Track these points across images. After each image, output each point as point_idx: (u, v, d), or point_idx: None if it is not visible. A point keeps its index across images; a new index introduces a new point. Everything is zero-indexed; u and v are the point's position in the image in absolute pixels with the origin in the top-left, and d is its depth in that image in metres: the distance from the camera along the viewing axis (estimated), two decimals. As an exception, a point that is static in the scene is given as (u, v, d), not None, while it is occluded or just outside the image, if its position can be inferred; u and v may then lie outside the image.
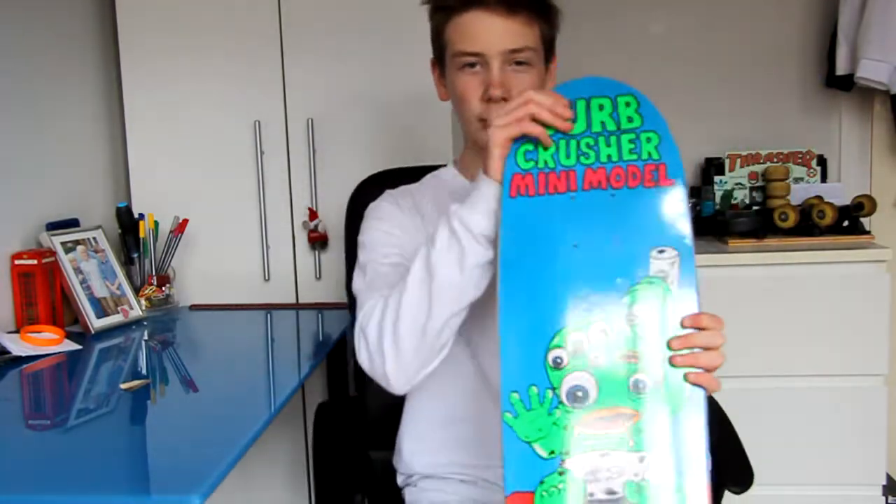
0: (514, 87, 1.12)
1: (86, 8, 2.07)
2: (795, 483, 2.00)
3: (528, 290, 0.93)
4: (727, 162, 2.36)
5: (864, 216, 2.09)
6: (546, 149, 0.96)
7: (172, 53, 2.03)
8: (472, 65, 1.13)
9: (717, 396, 1.25)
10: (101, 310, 1.79)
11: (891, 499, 1.99)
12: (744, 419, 1.35)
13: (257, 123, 2.02)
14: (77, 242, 1.82)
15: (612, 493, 0.87)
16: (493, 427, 0.96)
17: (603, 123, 0.97)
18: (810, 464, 1.98)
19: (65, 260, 1.76)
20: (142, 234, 1.97)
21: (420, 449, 1.26)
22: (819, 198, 2.14)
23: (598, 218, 0.94)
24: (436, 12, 1.17)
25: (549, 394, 0.90)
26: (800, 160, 2.35)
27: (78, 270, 1.78)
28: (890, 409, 1.98)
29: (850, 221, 2.09)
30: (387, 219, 1.22)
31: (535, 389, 0.90)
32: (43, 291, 1.70)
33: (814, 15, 2.44)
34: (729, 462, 1.27)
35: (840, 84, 2.34)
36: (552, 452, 0.89)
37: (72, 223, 1.86)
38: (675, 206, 0.94)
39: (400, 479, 1.32)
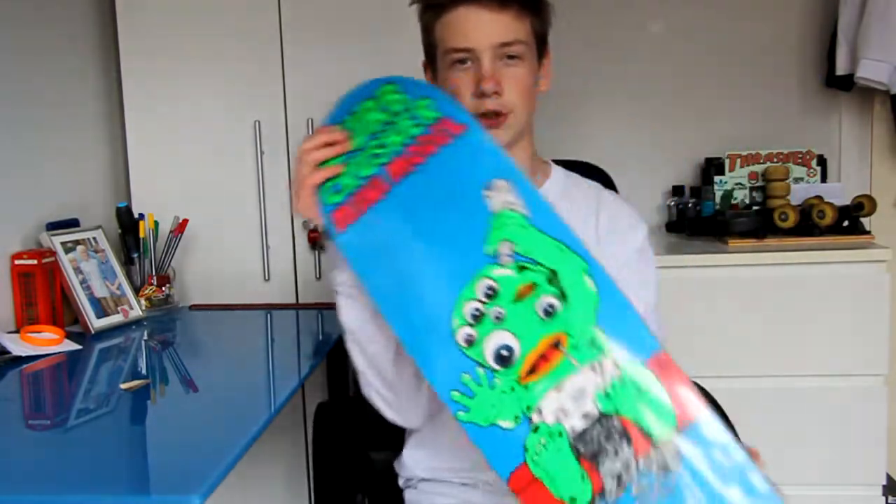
0: (506, 80, 1.12)
1: (86, 8, 2.07)
2: (795, 483, 1.98)
3: (405, 300, 0.94)
4: (727, 162, 2.36)
5: (864, 216, 2.09)
6: (343, 175, 0.98)
7: (172, 54, 2.03)
8: (464, 61, 1.13)
9: (717, 397, 1.25)
10: (101, 310, 1.79)
11: (891, 499, 1.99)
12: (744, 419, 1.34)
13: (257, 123, 2.02)
14: (77, 242, 1.82)
15: (588, 415, 0.86)
16: None
17: (378, 121, 0.99)
18: (810, 464, 1.98)
19: (65, 260, 1.76)
20: (142, 234, 1.96)
21: (421, 455, 1.27)
22: (819, 198, 2.14)
23: (420, 197, 0.95)
24: (425, 11, 1.17)
25: (481, 371, 0.90)
26: (800, 160, 2.35)
27: (78, 270, 1.78)
28: (890, 409, 1.98)
29: (850, 221, 2.09)
30: None
31: (467, 376, 0.90)
32: (43, 291, 1.70)
33: (814, 15, 2.44)
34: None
35: (840, 84, 2.34)
36: (517, 418, 0.88)
37: (72, 223, 1.86)
38: (479, 145, 0.95)
39: (401, 481, 1.33)
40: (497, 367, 0.89)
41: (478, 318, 0.90)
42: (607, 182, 1.53)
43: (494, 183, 0.92)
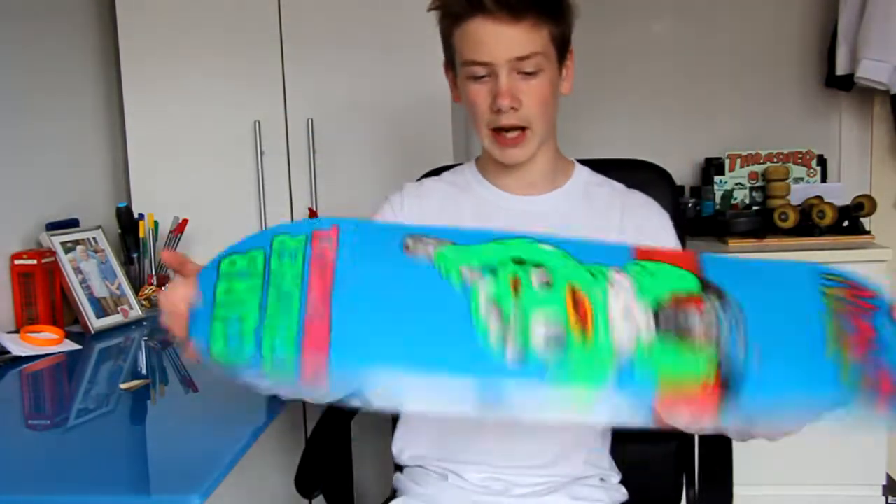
0: (524, 95, 1.11)
1: (86, 8, 2.07)
2: (795, 483, 2.00)
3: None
4: (727, 162, 2.36)
5: (864, 216, 2.09)
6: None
7: (172, 54, 2.03)
8: (481, 74, 1.12)
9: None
10: (101, 310, 1.79)
11: (891, 499, 1.99)
12: (744, 419, 1.34)
13: (257, 123, 2.02)
14: (77, 242, 1.82)
15: (647, 316, 0.85)
16: (471, 428, 1.12)
17: (251, 287, 0.91)
18: (810, 464, 1.98)
19: (65, 260, 1.76)
20: (142, 234, 1.97)
21: (404, 443, 1.30)
22: (819, 198, 2.14)
23: (367, 301, 0.86)
24: (443, 18, 1.16)
25: (551, 355, 0.85)
26: (800, 160, 2.35)
27: (78, 270, 1.78)
28: (890, 409, 1.98)
29: (850, 221, 2.09)
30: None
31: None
32: (43, 291, 1.70)
33: (814, 15, 2.44)
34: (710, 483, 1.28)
35: (840, 84, 2.34)
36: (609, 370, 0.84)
37: (72, 223, 1.86)
38: (362, 232, 0.89)
39: (391, 467, 1.36)
40: (551, 346, 0.84)
41: (504, 319, 0.85)
42: (664, 178, 1.49)
43: (405, 243, 0.87)
